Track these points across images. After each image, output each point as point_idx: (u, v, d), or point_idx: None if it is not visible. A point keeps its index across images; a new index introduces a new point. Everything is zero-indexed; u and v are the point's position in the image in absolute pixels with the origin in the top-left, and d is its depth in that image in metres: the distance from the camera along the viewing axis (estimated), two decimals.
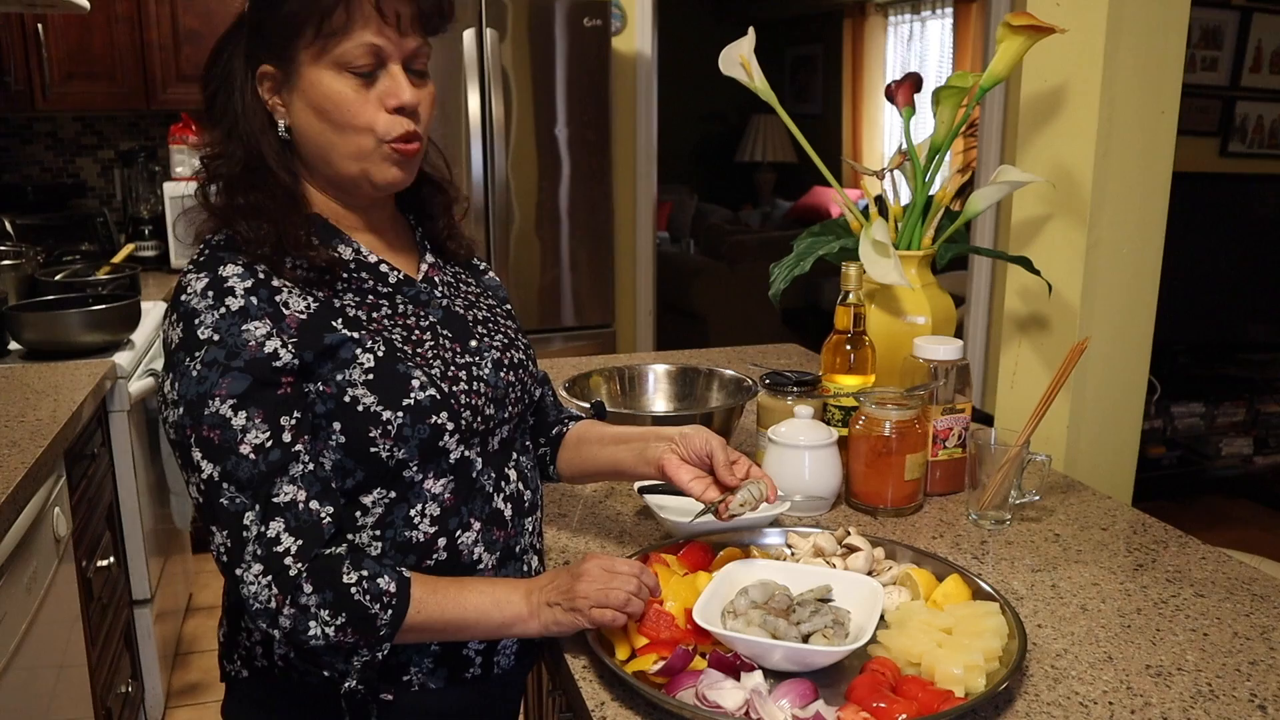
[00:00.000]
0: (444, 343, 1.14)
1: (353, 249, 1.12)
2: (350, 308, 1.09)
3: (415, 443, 1.07)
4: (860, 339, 1.58)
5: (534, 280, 3.81)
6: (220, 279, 1.02)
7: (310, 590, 0.99)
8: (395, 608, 1.02)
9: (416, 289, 1.16)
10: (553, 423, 1.37)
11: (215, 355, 1.00)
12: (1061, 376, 1.43)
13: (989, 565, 1.34)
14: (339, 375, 1.04)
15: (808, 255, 1.73)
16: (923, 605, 1.16)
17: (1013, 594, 1.26)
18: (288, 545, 1.00)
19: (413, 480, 1.10)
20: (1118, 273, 1.77)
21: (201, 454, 1.00)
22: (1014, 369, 1.91)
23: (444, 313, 1.17)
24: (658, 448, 1.22)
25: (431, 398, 1.08)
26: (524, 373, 1.23)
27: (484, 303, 1.25)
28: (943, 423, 1.55)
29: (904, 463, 1.47)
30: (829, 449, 1.48)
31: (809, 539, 1.29)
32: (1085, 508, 1.54)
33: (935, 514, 1.51)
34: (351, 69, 1.06)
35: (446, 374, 1.11)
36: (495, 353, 1.19)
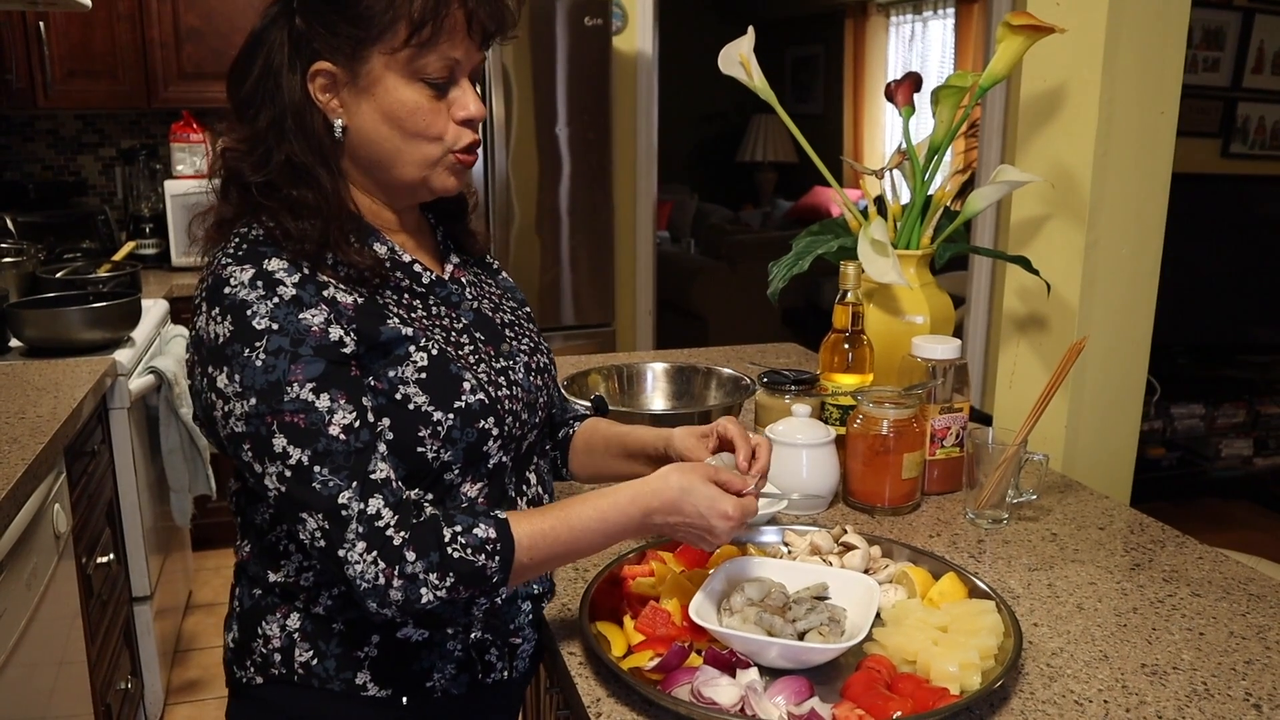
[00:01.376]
0: (479, 346, 1.14)
1: (388, 248, 1.12)
2: (393, 305, 1.09)
3: (462, 446, 1.07)
4: (858, 338, 1.58)
5: (534, 279, 3.82)
6: (267, 271, 1.01)
7: (414, 557, 0.98)
8: (501, 553, 1.00)
9: (448, 289, 1.16)
10: (559, 424, 1.37)
11: (279, 343, 0.99)
12: (1060, 376, 1.44)
13: (986, 564, 1.34)
14: (391, 372, 1.04)
15: (806, 254, 1.74)
16: (919, 603, 1.16)
17: (1009, 592, 1.26)
18: (388, 519, 0.99)
19: (452, 484, 1.10)
20: (1116, 273, 1.78)
21: (288, 440, 0.98)
22: (1012, 369, 1.91)
23: (474, 315, 1.17)
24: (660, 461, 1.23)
25: (481, 402, 1.08)
26: (548, 377, 1.24)
27: (507, 305, 1.25)
28: (940, 422, 1.55)
29: (901, 462, 1.47)
30: (826, 447, 1.48)
31: (806, 537, 1.29)
32: (1083, 507, 1.54)
33: (933, 513, 1.51)
34: (428, 79, 1.06)
35: (491, 379, 1.11)
36: (524, 357, 1.19)
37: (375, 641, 1.11)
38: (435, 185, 1.11)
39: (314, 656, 1.10)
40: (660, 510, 1.05)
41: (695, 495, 1.05)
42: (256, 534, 1.13)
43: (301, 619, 1.11)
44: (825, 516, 1.49)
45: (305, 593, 1.11)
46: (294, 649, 1.11)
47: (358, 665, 1.11)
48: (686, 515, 1.05)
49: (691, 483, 1.06)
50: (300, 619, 1.11)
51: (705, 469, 1.08)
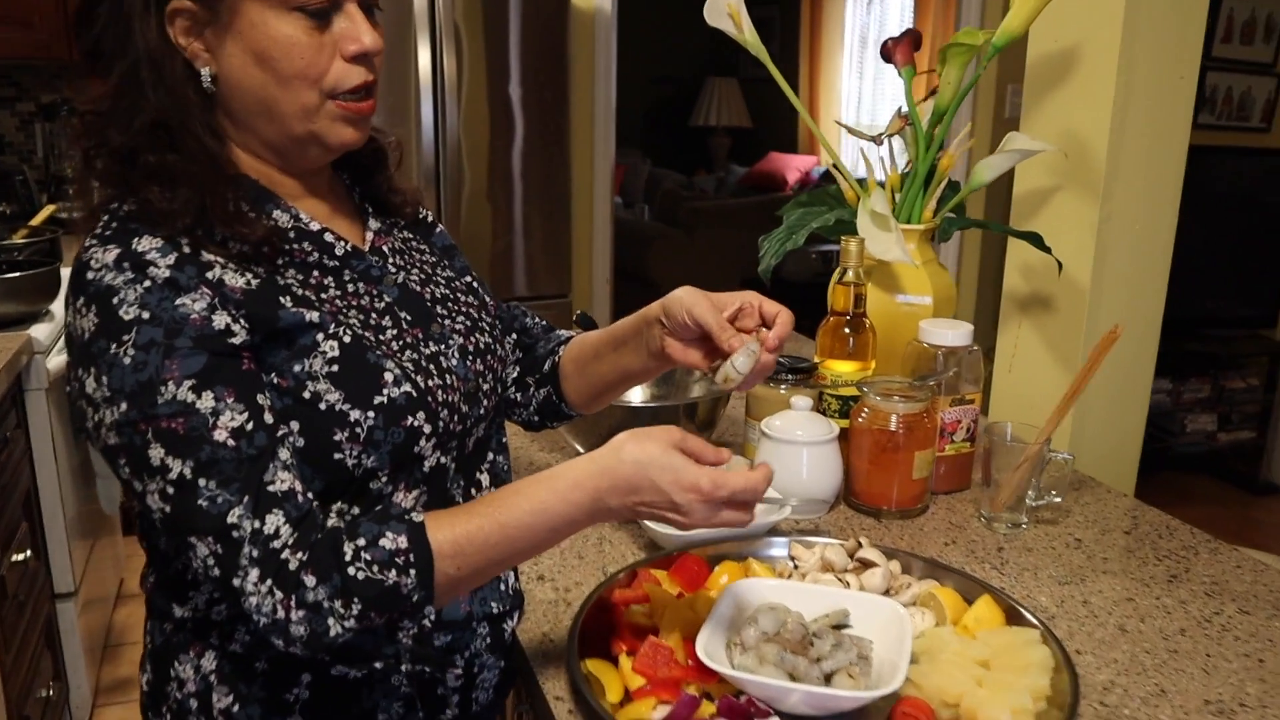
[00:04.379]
0: (405, 328, 0.97)
1: (290, 216, 0.94)
2: (296, 286, 0.91)
3: (387, 448, 0.91)
4: (860, 322, 1.43)
5: (486, 247, 3.62)
6: (135, 252, 0.84)
7: (314, 582, 0.82)
8: (417, 565, 0.84)
9: (366, 262, 0.99)
10: (543, 356, 1.19)
11: (151, 335, 0.81)
12: (1092, 367, 1.30)
13: (1011, 577, 1.21)
14: (296, 366, 0.87)
15: (800, 228, 1.58)
16: (952, 632, 1.02)
17: (1041, 611, 1.13)
18: (286, 538, 0.83)
19: (380, 493, 0.93)
20: (1130, 249, 1.65)
21: (166, 450, 0.81)
22: (1012, 352, 1.78)
23: (399, 291, 1.00)
24: (653, 337, 1.05)
25: (407, 395, 0.91)
26: (493, 359, 1.06)
27: (440, 275, 1.08)
28: (951, 414, 1.41)
29: (912, 460, 1.33)
30: (829, 445, 1.34)
31: (815, 550, 1.15)
32: (1102, 508, 1.42)
33: (943, 515, 1.37)
34: (305, 7, 0.88)
35: (420, 367, 0.95)
36: (458, 338, 1.02)
37: (306, 682, 0.95)
38: (330, 140, 0.93)
39: (235, 702, 0.94)
40: (613, 491, 0.87)
41: (654, 468, 0.86)
42: (161, 561, 0.97)
43: (217, 658, 0.95)
44: (827, 520, 1.34)
45: (218, 628, 0.94)
46: (211, 693, 0.95)
47: (286, 710, 0.95)
48: (646, 494, 0.87)
49: (648, 453, 0.87)
50: (216, 658, 0.95)
51: (667, 433, 0.88)
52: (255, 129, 0.92)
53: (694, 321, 0.99)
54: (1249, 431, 4.21)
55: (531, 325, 1.23)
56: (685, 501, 0.86)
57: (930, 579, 1.11)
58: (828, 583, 1.09)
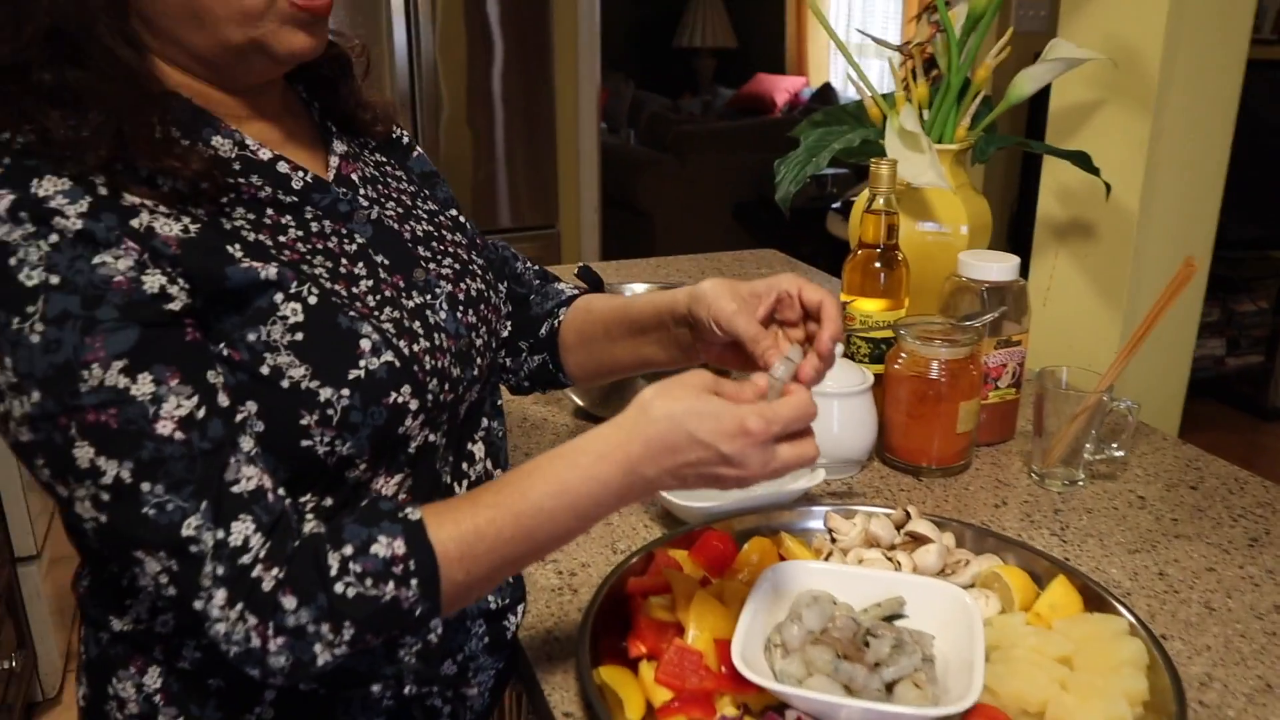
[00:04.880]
0: (383, 277, 0.81)
1: (233, 142, 0.77)
2: (247, 230, 0.74)
3: (366, 432, 0.75)
4: (893, 255, 1.27)
5: (466, 176, 3.43)
6: (35, 198, 0.66)
7: (295, 604, 0.67)
8: (419, 573, 0.69)
9: (331, 195, 0.81)
10: (539, 317, 1.03)
11: (64, 305, 0.64)
12: (1166, 303, 1.15)
13: (1074, 545, 1.07)
14: (251, 334, 0.71)
15: (820, 149, 1.41)
16: (1023, 621, 0.88)
17: (1115, 585, 0.99)
18: (257, 550, 0.67)
19: (359, 482, 0.78)
20: (1182, 169, 1.49)
21: (95, 449, 0.65)
22: (1048, 284, 1.63)
23: (374, 229, 0.83)
24: (683, 334, 0.90)
25: (389, 366, 0.75)
26: (487, 309, 0.90)
27: (421, 208, 0.90)
28: (995, 358, 1.26)
29: (955, 412, 1.18)
30: (863, 396, 1.19)
31: (856, 522, 1.00)
32: (1161, 458, 1.27)
33: (989, 472, 1.23)
34: None
35: (403, 328, 0.78)
36: (447, 285, 0.86)
37: (270, 699, 0.80)
38: (278, 48, 0.75)
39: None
40: (648, 457, 0.71)
41: (691, 419, 0.70)
42: (95, 562, 0.81)
43: (163, 675, 0.80)
44: (861, 481, 1.20)
45: (163, 642, 0.79)
46: (157, 715, 0.80)
47: None
48: (688, 453, 0.71)
49: (682, 404, 0.71)
50: (161, 675, 0.80)
51: (698, 378, 0.73)
52: (180, 39, 0.74)
53: (724, 331, 0.83)
54: (1257, 356, 4.09)
55: (523, 272, 1.06)
56: (736, 450, 0.70)
57: (989, 554, 0.97)
58: (874, 562, 0.94)
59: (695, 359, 0.90)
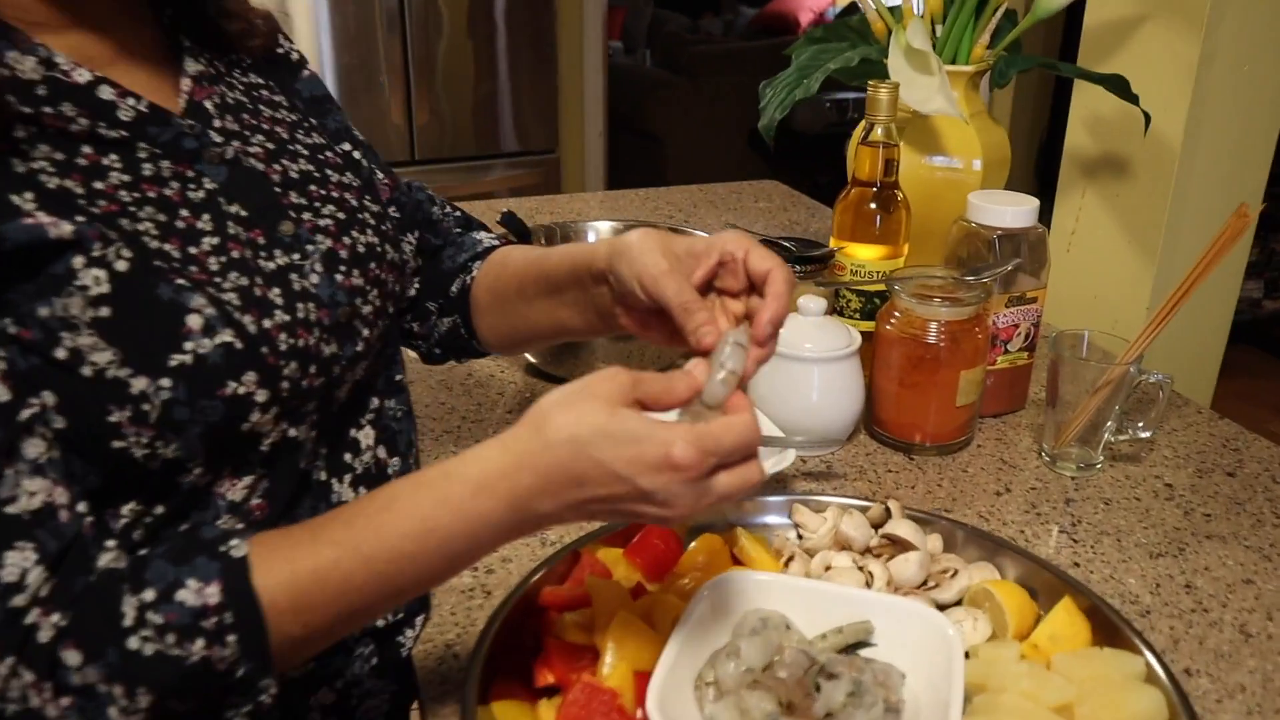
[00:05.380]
0: (231, 234, 0.64)
1: (38, 59, 0.60)
2: (49, 174, 0.58)
3: (197, 431, 0.59)
4: (890, 195, 1.10)
5: (466, 97, 3.23)
6: None
7: (80, 660, 0.52)
8: (238, 627, 0.54)
9: (174, 129, 0.65)
10: (451, 272, 0.86)
11: None
12: (1214, 258, 0.97)
13: (1086, 546, 0.90)
14: (43, 308, 0.55)
15: (813, 70, 1.23)
16: (1016, 654, 0.72)
17: (1130, 599, 0.83)
18: (35, 588, 0.52)
19: (194, 488, 0.62)
20: (1235, 99, 1.29)
21: None
22: (1073, 227, 1.44)
23: (229, 171, 0.67)
24: (601, 296, 0.73)
25: (226, 348, 0.59)
26: (381, 268, 0.73)
27: (302, 142, 0.74)
28: (1006, 318, 1.09)
29: (956, 381, 1.01)
30: (848, 362, 1.02)
31: (826, 518, 0.84)
32: (1194, 436, 1.10)
33: (992, 449, 1.06)
34: None
35: (251, 297, 0.62)
36: (324, 241, 0.69)
37: None
38: None
39: None
40: (545, 491, 0.56)
41: (600, 444, 0.55)
42: None
43: None
44: (843, 459, 1.04)
45: None
46: None
47: None
48: (597, 487, 0.55)
49: (587, 423, 0.55)
50: None
51: (610, 384, 0.56)
52: None
53: (649, 295, 0.66)
54: None
55: (441, 218, 0.90)
56: (660, 486, 0.55)
57: (983, 562, 0.81)
58: (842, 572, 0.79)
59: (613, 327, 0.73)
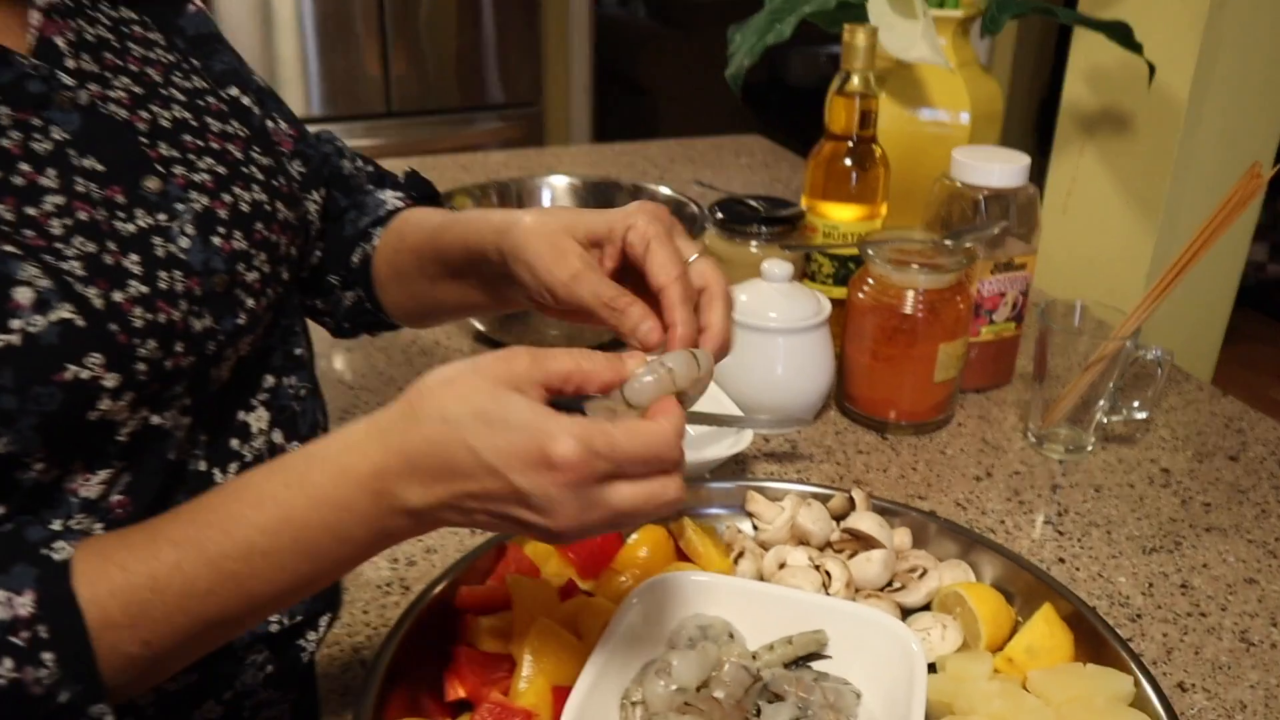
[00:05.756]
0: (87, 191, 0.55)
1: None
2: None
3: (31, 422, 0.50)
4: (868, 150, 1.00)
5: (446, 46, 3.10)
6: None
7: None
8: (55, 642, 0.45)
9: (16, 71, 0.55)
10: (353, 239, 0.76)
11: None
12: (1222, 223, 0.88)
13: (1073, 540, 0.82)
14: None
15: (786, 14, 1.13)
16: (988, 669, 0.64)
17: (1119, 600, 0.75)
18: None
19: (39, 485, 0.54)
20: (1247, 50, 1.19)
21: None
22: (1069, 186, 1.35)
23: (82, 118, 0.57)
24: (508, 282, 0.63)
25: (65, 326, 0.50)
26: (271, 229, 0.64)
27: (179, 85, 0.64)
28: (991, 285, 1.00)
29: (933, 356, 0.93)
30: (816, 333, 0.93)
31: (784, 504, 0.76)
32: (1194, 415, 1.02)
33: (973, 428, 0.98)
34: None
35: (100, 266, 0.53)
36: (198, 200, 0.60)
37: None
38: None
39: None
40: (413, 477, 0.47)
41: (478, 430, 0.46)
42: None
43: None
44: (810, 438, 0.95)
45: None
46: None
47: None
48: (467, 480, 0.46)
49: (470, 403, 0.46)
50: None
51: (504, 363, 0.48)
52: None
53: (561, 302, 0.57)
54: None
55: (352, 174, 0.79)
56: (535, 487, 0.46)
57: (956, 560, 0.73)
58: (797, 572, 0.70)
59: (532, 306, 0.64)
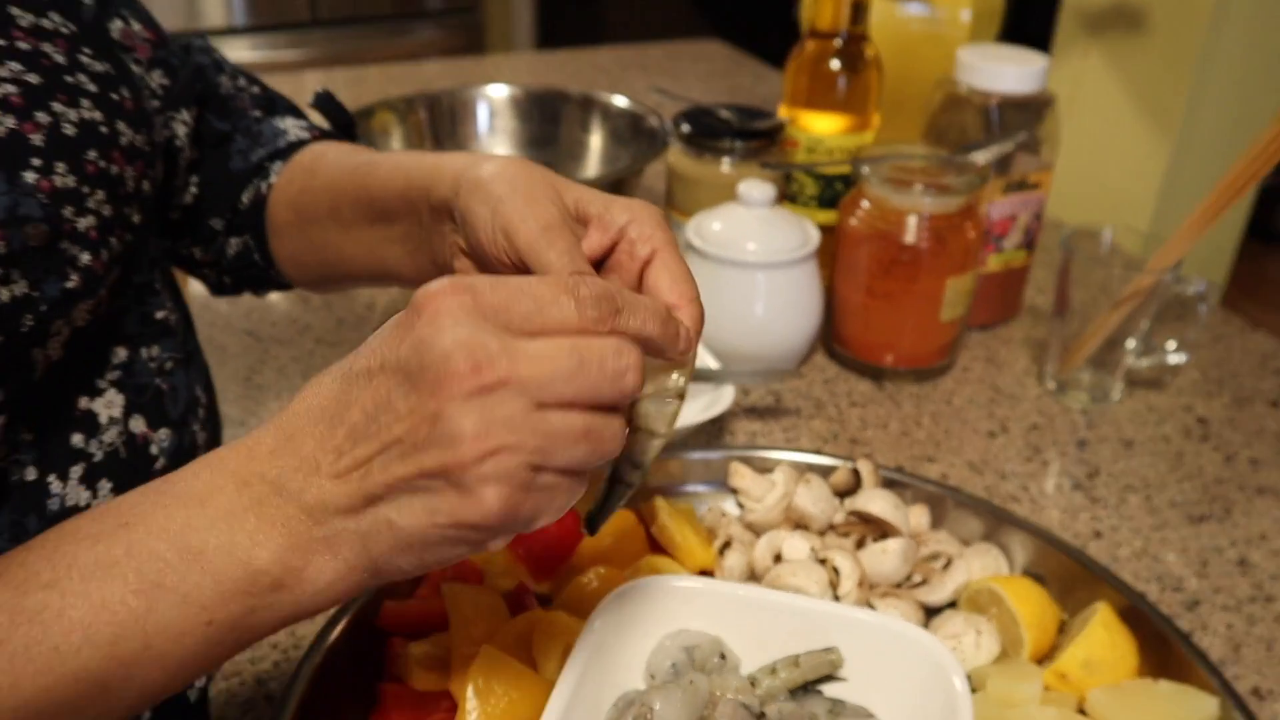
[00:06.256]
0: None
1: None
2: None
3: None
4: (858, 51, 0.86)
5: None
6: None
7: None
8: None
9: None
10: (241, 175, 0.60)
11: None
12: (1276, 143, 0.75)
13: (1109, 507, 0.71)
14: None
15: None
16: (1037, 686, 0.52)
17: (1171, 585, 0.64)
18: None
19: None
20: None
21: None
22: (1071, 94, 1.22)
23: None
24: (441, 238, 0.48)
25: None
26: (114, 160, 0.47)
27: None
28: (1001, 208, 0.87)
29: (940, 292, 0.80)
30: (802, 266, 0.80)
31: (774, 477, 0.63)
32: (1224, 352, 0.90)
33: (980, 373, 0.86)
34: None
35: None
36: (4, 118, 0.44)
37: None
38: None
39: None
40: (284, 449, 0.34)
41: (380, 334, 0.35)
42: None
43: None
44: (796, 390, 0.82)
45: None
46: None
47: None
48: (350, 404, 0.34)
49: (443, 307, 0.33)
50: None
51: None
52: None
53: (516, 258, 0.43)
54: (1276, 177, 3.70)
55: (233, 93, 0.62)
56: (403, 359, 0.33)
57: (985, 543, 0.61)
58: (797, 567, 0.58)
59: None
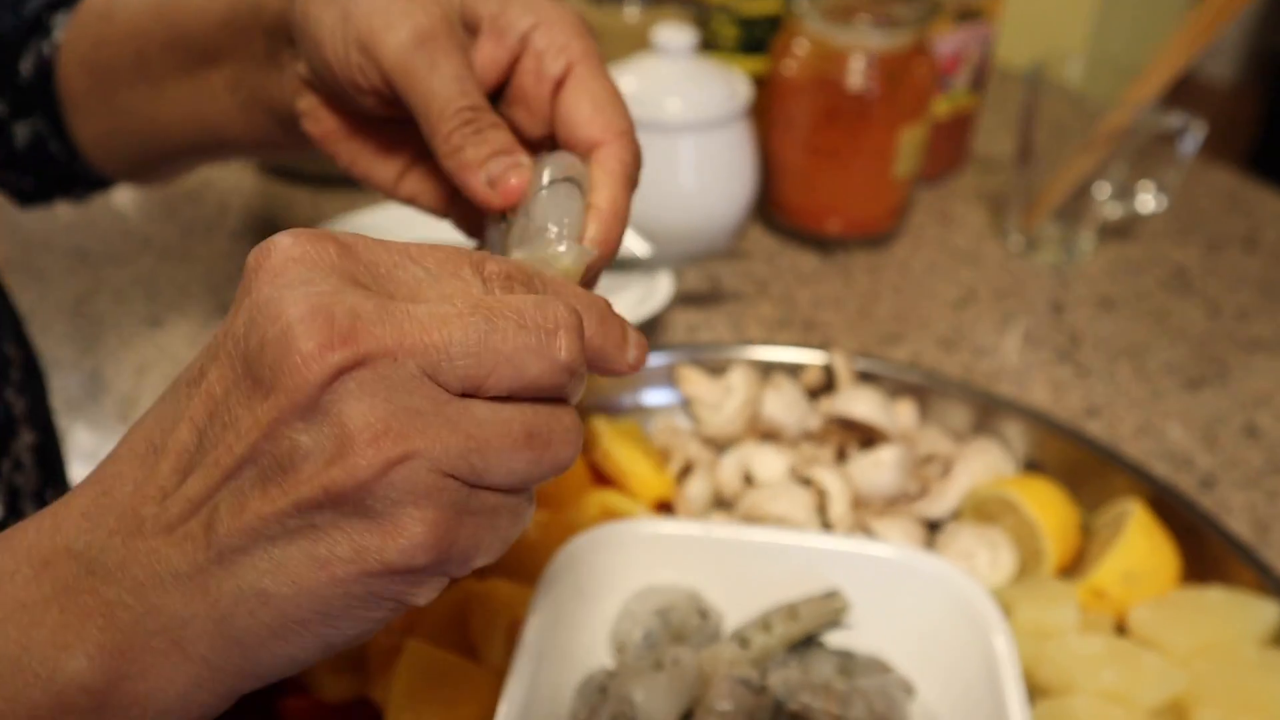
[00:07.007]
0: None
1: None
2: None
3: None
4: None
5: None
6: None
7: None
8: None
9: None
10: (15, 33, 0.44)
11: None
12: None
13: (1098, 378, 0.63)
14: None
15: None
16: (1073, 610, 0.44)
17: (1180, 462, 0.57)
18: None
19: None
20: None
21: None
22: None
23: None
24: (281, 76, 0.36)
25: None
26: None
27: None
28: (948, 44, 0.76)
29: (891, 145, 0.69)
30: (731, 126, 0.68)
31: (730, 381, 0.53)
32: (1190, 194, 0.82)
33: (934, 234, 0.76)
34: None
35: None
36: None
37: None
38: None
39: None
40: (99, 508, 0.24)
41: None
42: None
43: None
44: (735, 271, 0.72)
45: None
46: None
47: None
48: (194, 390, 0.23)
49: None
50: None
51: None
52: None
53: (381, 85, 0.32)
54: None
55: None
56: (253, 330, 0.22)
57: (982, 436, 0.52)
58: (777, 490, 0.48)
59: (298, 143, 0.38)
